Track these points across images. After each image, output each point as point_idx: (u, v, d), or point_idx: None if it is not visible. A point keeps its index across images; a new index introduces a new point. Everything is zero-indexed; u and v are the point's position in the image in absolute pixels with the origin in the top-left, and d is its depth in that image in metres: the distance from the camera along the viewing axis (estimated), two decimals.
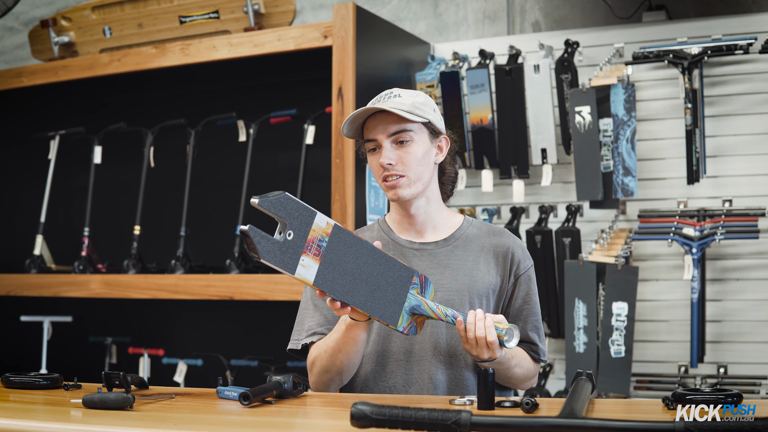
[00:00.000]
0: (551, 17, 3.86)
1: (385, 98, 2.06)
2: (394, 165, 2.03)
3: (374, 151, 2.07)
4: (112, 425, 1.59)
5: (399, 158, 2.04)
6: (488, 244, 2.13)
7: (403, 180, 2.05)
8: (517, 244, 2.15)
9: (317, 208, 1.79)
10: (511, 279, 2.12)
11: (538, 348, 2.12)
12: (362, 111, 2.04)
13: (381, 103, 2.04)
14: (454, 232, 2.15)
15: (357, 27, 3.26)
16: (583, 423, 1.35)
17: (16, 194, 4.28)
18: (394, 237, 2.16)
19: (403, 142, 2.04)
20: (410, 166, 2.05)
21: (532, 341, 2.12)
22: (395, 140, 2.05)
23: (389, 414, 1.36)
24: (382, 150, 2.04)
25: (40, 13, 4.78)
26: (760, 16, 3.33)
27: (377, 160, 2.06)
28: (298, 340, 2.14)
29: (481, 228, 2.17)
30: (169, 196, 3.98)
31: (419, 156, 2.06)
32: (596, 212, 3.48)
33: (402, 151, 2.05)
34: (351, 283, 1.80)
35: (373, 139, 2.06)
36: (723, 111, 3.34)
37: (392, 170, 2.04)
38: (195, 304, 3.69)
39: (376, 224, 2.22)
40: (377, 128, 2.05)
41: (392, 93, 2.06)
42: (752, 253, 3.29)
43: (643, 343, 3.38)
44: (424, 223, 2.14)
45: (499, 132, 3.55)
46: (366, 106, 2.05)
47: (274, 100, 3.92)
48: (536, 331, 2.13)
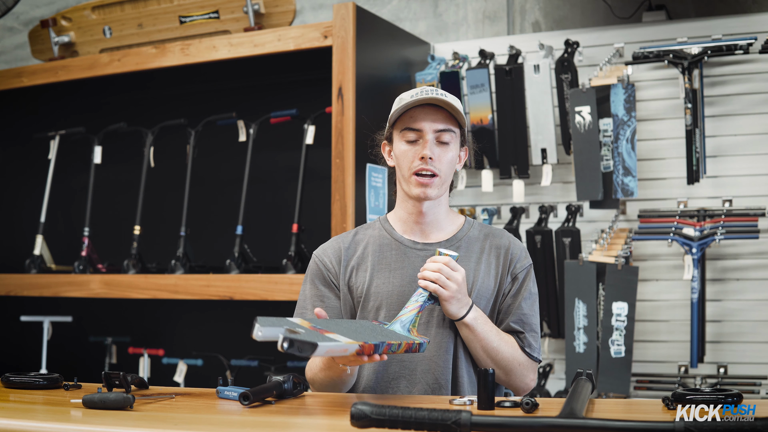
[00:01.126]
0: (551, 17, 3.86)
1: (432, 92, 2.05)
2: (434, 161, 2.04)
3: (412, 142, 2.06)
4: (112, 425, 1.60)
5: (438, 156, 2.05)
6: (488, 245, 2.14)
7: (436, 180, 2.06)
8: (515, 244, 2.16)
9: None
10: (508, 277, 2.12)
11: (525, 336, 2.10)
12: (418, 99, 2.02)
13: (437, 95, 2.03)
14: (456, 233, 2.15)
15: (357, 27, 3.26)
16: (583, 423, 1.35)
17: (16, 194, 4.28)
18: (397, 236, 2.15)
19: (444, 142, 2.06)
20: (444, 168, 2.06)
21: (518, 331, 2.10)
22: (438, 138, 2.05)
23: (389, 414, 1.36)
24: (425, 142, 2.04)
25: (40, 13, 4.78)
26: (760, 16, 3.33)
27: (415, 150, 2.05)
28: None
29: (481, 230, 2.17)
30: (169, 196, 3.98)
31: (452, 160, 2.08)
32: (596, 212, 3.48)
33: (441, 150, 2.06)
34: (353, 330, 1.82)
35: (418, 129, 2.05)
36: (723, 111, 3.34)
37: (430, 165, 2.04)
38: (195, 304, 3.69)
39: (377, 222, 2.21)
40: (425, 119, 2.05)
41: (437, 90, 2.06)
42: (752, 253, 3.29)
43: (643, 343, 3.38)
44: (431, 223, 2.14)
45: (499, 132, 3.55)
46: (413, 98, 2.03)
47: (274, 100, 3.92)
48: (522, 325, 2.10)
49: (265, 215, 3.93)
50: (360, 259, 2.15)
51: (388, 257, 2.13)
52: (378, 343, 1.72)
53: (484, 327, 2.04)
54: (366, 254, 2.15)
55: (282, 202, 3.84)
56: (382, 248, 2.14)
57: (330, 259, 2.16)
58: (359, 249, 2.16)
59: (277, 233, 3.72)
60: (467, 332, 2.03)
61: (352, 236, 2.20)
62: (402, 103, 2.06)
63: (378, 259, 2.13)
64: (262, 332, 1.56)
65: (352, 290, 2.14)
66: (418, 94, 2.05)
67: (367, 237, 2.18)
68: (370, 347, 1.72)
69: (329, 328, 1.73)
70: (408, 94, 2.08)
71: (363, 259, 2.14)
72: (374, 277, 2.11)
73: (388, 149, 2.16)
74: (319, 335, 1.62)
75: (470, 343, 2.05)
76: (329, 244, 2.20)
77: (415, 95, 2.05)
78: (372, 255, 2.14)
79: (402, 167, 2.09)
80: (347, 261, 2.15)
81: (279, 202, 3.90)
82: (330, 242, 2.21)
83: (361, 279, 2.13)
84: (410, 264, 2.11)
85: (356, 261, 2.15)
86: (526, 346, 2.10)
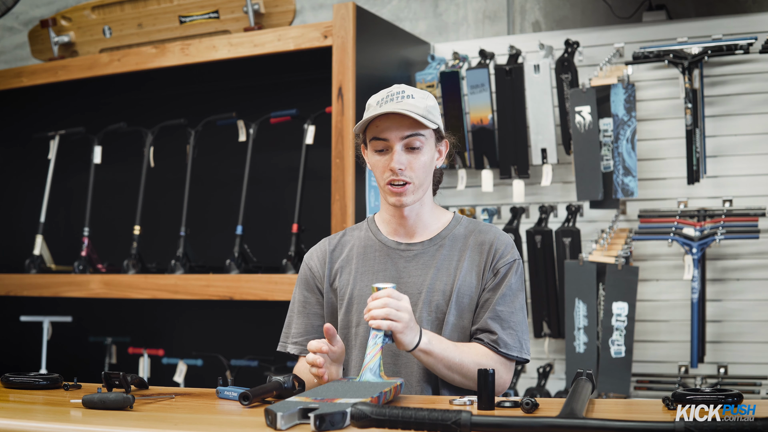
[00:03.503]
0: (551, 17, 3.86)
1: (397, 97, 2.01)
2: (404, 170, 2.01)
3: (382, 152, 2.03)
4: (112, 425, 1.60)
5: (408, 163, 2.02)
6: (473, 241, 2.10)
7: (409, 187, 2.03)
8: (501, 239, 2.10)
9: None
10: (489, 273, 2.07)
11: (497, 338, 2.01)
12: (378, 113, 1.99)
13: (395, 103, 1.99)
14: (441, 231, 2.13)
15: (357, 27, 3.26)
16: (583, 423, 1.35)
17: (15, 194, 4.28)
18: (382, 238, 2.14)
19: (414, 147, 2.02)
20: (417, 173, 2.03)
21: (491, 330, 2.03)
22: (407, 144, 2.02)
23: (389, 414, 1.36)
24: (393, 153, 2.01)
25: (40, 13, 4.78)
26: (760, 16, 3.32)
27: (385, 161, 2.02)
28: (285, 344, 2.19)
29: (468, 226, 2.14)
30: (169, 196, 3.98)
31: (427, 163, 2.04)
32: (596, 212, 3.48)
33: (412, 156, 2.02)
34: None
35: (385, 139, 2.02)
36: (723, 111, 3.34)
37: (401, 175, 2.01)
38: (195, 304, 3.69)
39: (365, 223, 2.21)
40: (390, 129, 2.01)
41: (403, 92, 2.02)
42: (752, 253, 3.29)
43: (643, 343, 3.38)
44: (414, 224, 2.12)
45: (499, 132, 3.55)
46: (379, 105, 2.00)
47: (274, 100, 3.92)
48: (499, 321, 2.02)
49: (265, 215, 3.93)
50: (345, 261, 2.15)
51: (371, 259, 2.12)
52: (378, 394, 1.71)
53: (440, 345, 1.96)
54: (351, 256, 2.15)
55: (282, 202, 3.84)
56: (366, 250, 2.14)
57: (315, 262, 2.17)
58: (345, 251, 2.16)
59: (277, 233, 3.72)
60: (425, 357, 1.95)
61: (339, 237, 2.20)
62: (369, 110, 2.03)
63: (362, 262, 2.12)
64: (284, 420, 1.53)
65: (336, 292, 2.14)
66: (383, 101, 2.00)
67: (354, 239, 2.18)
68: (375, 400, 1.70)
69: (332, 395, 1.70)
70: (374, 100, 2.03)
71: (348, 262, 2.14)
72: (357, 281, 2.11)
73: (366, 153, 2.14)
74: (334, 404, 1.60)
75: (432, 366, 1.98)
76: (316, 248, 2.21)
77: (381, 102, 2.01)
78: (357, 257, 2.13)
79: (376, 177, 2.07)
80: (332, 263, 2.15)
81: (279, 202, 3.90)
82: (318, 245, 2.22)
83: (344, 281, 2.13)
84: (393, 266, 2.10)
85: (341, 263, 2.15)
86: (501, 346, 2.01)
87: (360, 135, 2.12)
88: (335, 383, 1.84)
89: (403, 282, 2.08)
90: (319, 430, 1.48)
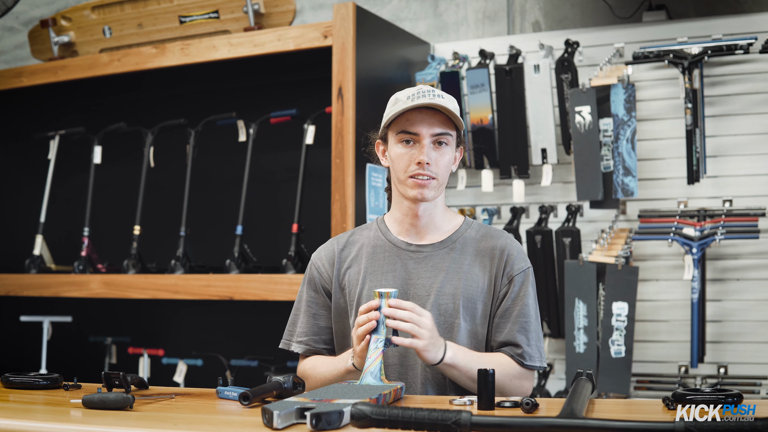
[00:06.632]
0: (551, 17, 3.86)
1: (429, 94, 2.02)
2: (431, 165, 2.02)
3: (408, 144, 2.04)
4: (112, 425, 1.60)
5: (435, 160, 2.03)
6: (484, 247, 2.11)
7: (433, 182, 2.04)
8: (513, 245, 2.12)
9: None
10: (503, 279, 2.08)
11: (523, 351, 2.04)
12: (415, 104, 2.00)
13: (429, 99, 2.00)
14: (452, 234, 2.13)
15: (357, 27, 3.26)
16: (583, 423, 1.35)
17: (15, 194, 4.28)
18: (391, 238, 2.14)
19: (442, 144, 2.04)
20: (442, 171, 2.05)
21: (516, 343, 2.05)
22: (435, 140, 2.03)
23: (389, 414, 1.36)
24: (422, 147, 2.02)
25: (40, 13, 4.78)
26: (760, 16, 3.32)
27: (412, 154, 2.03)
28: (289, 342, 2.18)
29: (479, 230, 2.14)
30: (169, 196, 3.98)
31: (449, 162, 2.07)
32: (596, 212, 3.48)
33: (438, 153, 2.04)
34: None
35: (415, 133, 2.03)
36: (723, 111, 3.34)
37: (427, 170, 2.02)
38: (195, 304, 3.69)
39: (374, 223, 2.20)
40: (423, 123, 2.02)
41: (434, 91, 2.03)
42: (752, 253, 3.29)
43: (643, 343, 3.38)
44: (426, 225, 2.12)
45: (499, 132, 3.55)
46: (410, 100, 2.00)
47: (274, 100, 3.92)
48: (525, 333, 2.05)
49: (265, 215, 3.93)
50: (353, 261, 2.14)
51: (380, 259, 2.12)
52: (377, 396, 1.71)
53: (465, 357, 1.97)
54: (360, 256, 2.14)
55: (282, 202, 3.84)
56: (375, 250, 2.13)
57: (323, 263, 2.17)
58: (354, 250, 2.16)
59: (277, 233, 3.72)
60: (450, 370, 1.97)
61: (347, 237, 2.20)
62: (398, 104, 2.03)
63: (371, 262, 2.12)
64: (281, 419, 1.53)
65: (344, 292, 2.14)
66: (414, 96, 2.01)
67: (363, 238, 2.17)
68: (374, 402, 1.70)
69: (331, 396, 1.70)
70: (404, 95, 2.04)
71: (356, 261, 2.14)
72: (366, 281, 2.10)
73: (382, 149, 2.14)
74: (332, 404, 1.60)
75: (456, 378, 1.99)
76: (325, 248, 2.20)
77: (412, 97, 2.02)
78: (366, 257, 2.13)
79: (398, 170, 2.06)
80: (340, 263, 2.15)
81: (279, 202, 3.90)
82: (326, 245, 2.21)
83: (353, 281, 2.12)
84: (403, 267, 2.09)
85: (349, 263, 2.15)
86: (527, 360, 2.04)
87: (381, 129, 2.11)
88: (335, 386, 1.84)
89: (412, 284, 2.08)
90: (316, 429, 1.48)
